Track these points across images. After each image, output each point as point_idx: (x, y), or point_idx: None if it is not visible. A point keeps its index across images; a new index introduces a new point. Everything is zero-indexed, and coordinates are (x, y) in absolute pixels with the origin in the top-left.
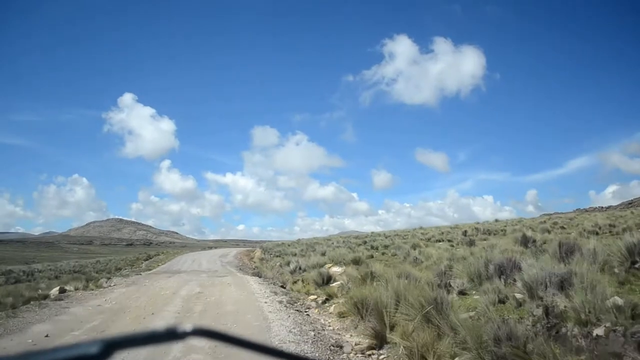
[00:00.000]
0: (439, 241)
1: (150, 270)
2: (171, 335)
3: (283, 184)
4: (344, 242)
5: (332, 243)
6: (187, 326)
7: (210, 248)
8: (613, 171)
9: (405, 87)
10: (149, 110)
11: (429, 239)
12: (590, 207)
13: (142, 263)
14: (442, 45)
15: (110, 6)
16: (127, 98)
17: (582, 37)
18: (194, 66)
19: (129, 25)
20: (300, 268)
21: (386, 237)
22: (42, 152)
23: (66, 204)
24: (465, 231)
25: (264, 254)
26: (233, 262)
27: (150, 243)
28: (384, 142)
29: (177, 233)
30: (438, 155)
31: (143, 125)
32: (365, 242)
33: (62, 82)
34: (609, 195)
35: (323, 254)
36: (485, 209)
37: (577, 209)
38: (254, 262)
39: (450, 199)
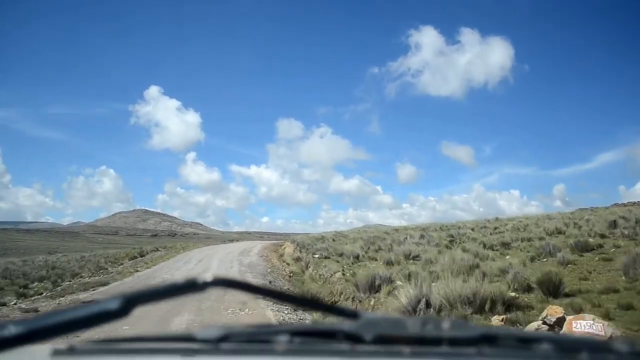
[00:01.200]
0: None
1: (109, 283)
2: (191, 286)
3: (307, 176)
4: (409, 236)
5: (399, 237)
6: (207, 276)
7: (232, 241)
8: None
9: (431, 78)
10: (174, 103)
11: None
12: (628, 202)
13: (122, 263)
14: (469, 36)
15: (135, 2)
16: (153, 91)
17: (609, 27)
18: (219, 59)
19: (154, 18)
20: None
21: (467, 230)
22: (72, 144)
23: (94, 195)
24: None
25: (299, 250)
26: (257, 265)
27: (175, 234)
28: (410, 134)
29: (201, 224)
30: (464, 148)
31: (169, 118)
32: (452, 238)
33: (92, 75)
34: None
35: (416, 258)
36: (511, 204)
37: (614, 204)
38: (287, 265)
39: (476, 193)
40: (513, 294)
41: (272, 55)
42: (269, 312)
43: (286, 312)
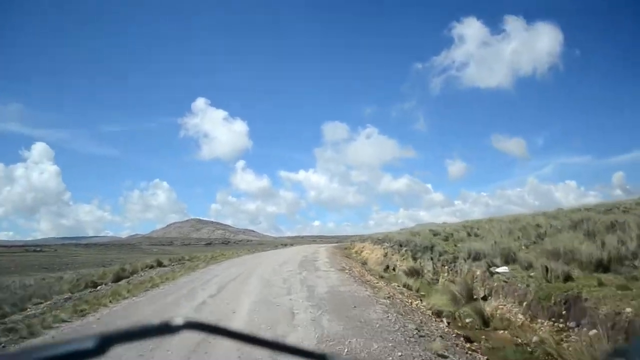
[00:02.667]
0: None
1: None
2: (164, 329)
3: (355, 178)
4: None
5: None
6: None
7: (285, 245)
8: None
9: (477, 70)
10: (221, 113)
11: None
12: None
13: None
14: (513, 23)
15: (177, 17)
16: (200, 103)
17: None
18: (262, 67)
19: (196, 30)
20: None
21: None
22: (125, 159)
23: (149, 207)
24: None
25: (395, 253)
26: (349, 296)
27: (229, 242)
28: (458, 130)
29: (254, 231)
30: (515, 141)
31: (217, 128)
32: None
33: (140, 91)
34: None
35: None
36: (567, 195)
37: None
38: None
39: (530, 187)
40: None
41: (315, 58)
42: None
43: None
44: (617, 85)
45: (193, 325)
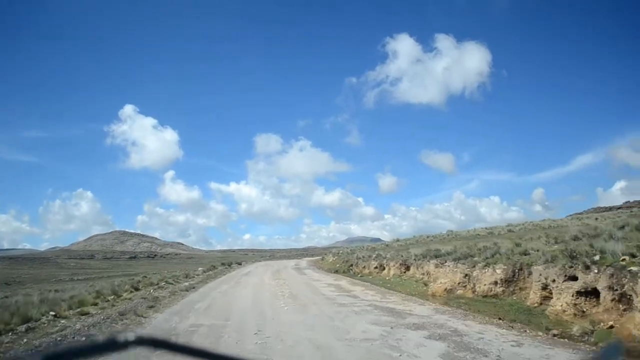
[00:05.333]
0: None
1: None
2: (112, 345)
3: (288, 191)
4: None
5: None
6: (130, 335)
7: (228, 265)
8: (622, 167)
9: (410, 86)
10: (150, 121)
11: None
12: (598, 207)
13: None
14: (444, 42)
15: (107, 20)
16: (128, 109)
17: (587, 30)
18: (194, 76)
19: (126, 36)
20: None
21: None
22: (47, 167)
23: (71, 218)
24: None
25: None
26: None
27: (155, 255)
28: (390, 144)
29: (182, 244)
30: (444, 156)
31: (145, 137)
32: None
33: (65, 96)
34: (617, 192)
35: None
36: (492, 210)
37: (593, 208)
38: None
39: (457, 201)
40: None
41: (249, 70)
42: None
43: None
44: (540, 107)
45: (144, 342)
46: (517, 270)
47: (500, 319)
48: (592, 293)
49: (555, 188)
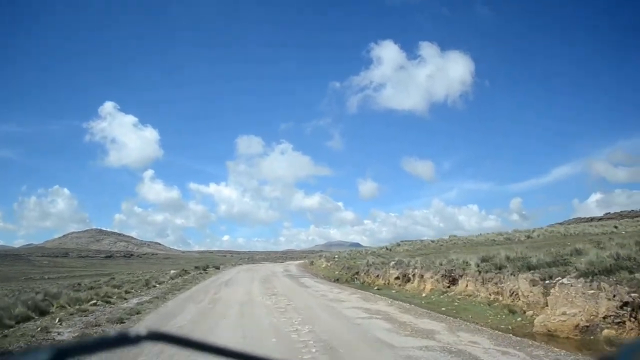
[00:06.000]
0: None
1: None
2: (123, 340)
3: (268, 194)
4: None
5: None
6: (141, 330)
7: (203, 269)
8: (598, 179)
9: (393, 92)
10: (131, 119)
11: None
12: (576, 218)
13: None
14: (428, 50)
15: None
16: (109, 106)
17: (569, 44)
18: (177, 75)
19: (108, 33)
20: None
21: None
22: (22, 163)
23: (47, 215)
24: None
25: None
26: None
27: (132, 255)
28: (371, 150)
29: (160, 244)
30: (424, 163)
31: (125, 134)
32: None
33: (44, 91)
34: (593, 204)
35: None
36: (470, 218)
37: (574, 219)
38: None
39: (435, 209)
40: None
41: (232, 71)
42: None
43: None
44: (520, 119)
45: (156, 336)
46: None
47: None
48: None
49: (533, 198)
